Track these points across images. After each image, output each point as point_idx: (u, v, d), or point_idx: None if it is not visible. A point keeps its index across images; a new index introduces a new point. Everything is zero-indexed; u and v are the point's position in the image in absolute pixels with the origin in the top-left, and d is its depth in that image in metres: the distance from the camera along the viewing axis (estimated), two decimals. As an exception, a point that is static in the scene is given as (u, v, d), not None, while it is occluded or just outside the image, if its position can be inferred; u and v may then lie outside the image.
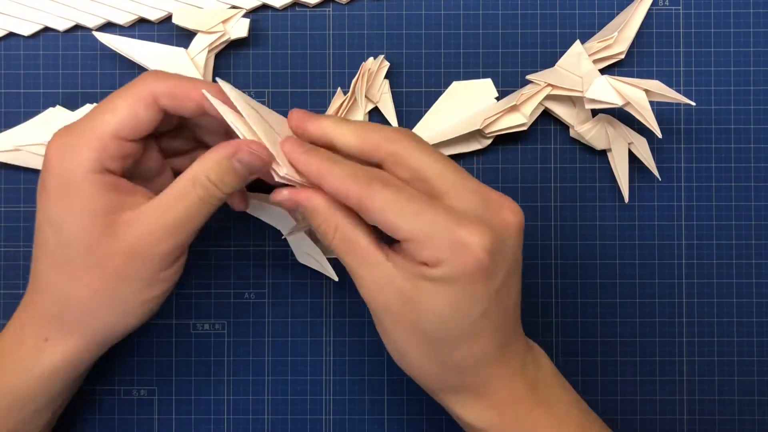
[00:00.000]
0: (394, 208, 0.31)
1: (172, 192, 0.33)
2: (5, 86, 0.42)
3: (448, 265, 0.30)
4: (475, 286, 0.31)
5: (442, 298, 0.31)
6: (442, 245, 0.30)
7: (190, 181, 0.33)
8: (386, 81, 0.42)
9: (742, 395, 0.43)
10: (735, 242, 0.43)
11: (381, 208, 0.31)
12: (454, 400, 0.34)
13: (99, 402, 0.42)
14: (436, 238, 0.30)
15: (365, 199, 0.31)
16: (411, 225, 0.30)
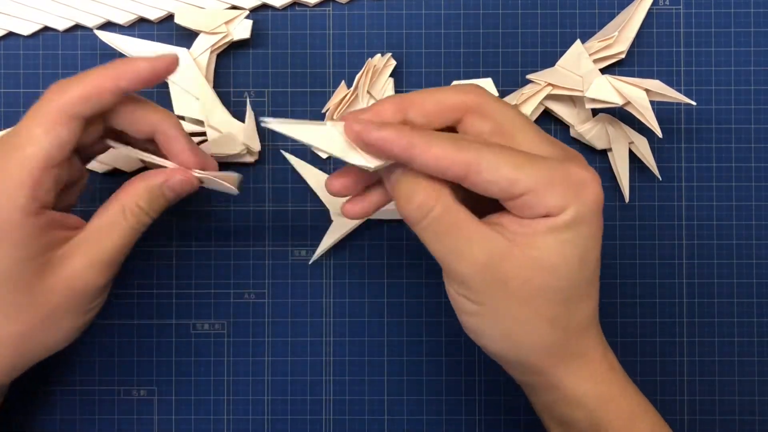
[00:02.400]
0: (509, 161, 0.29)
1: (104, 223, 0.33)
2: (5, 86, 0.42)
3: (575, 205, 0.30)
4: (597, 224, 0.31)
5: (572, 245, 0.30)
6: (564, 186, 0.29)
7: (120, 212, 0.33)
8: (391, 79, 0.42)
9: (742, 395, 0.43)
10: (735, 242, 0.43)
11: (495, 164, 0.29)
12: (567, 370, 0.32)
13: (99, 402, 0.42)
14: (556, 181, 0.29)
15: (474, 159, 0.29)
16: (531, 173, 0.29)
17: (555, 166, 0.30)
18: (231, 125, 0.41)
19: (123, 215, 0.33)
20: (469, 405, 0.43)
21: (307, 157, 0.43)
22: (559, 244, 0.30)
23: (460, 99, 0.31)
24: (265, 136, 0.43)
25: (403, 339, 0.43)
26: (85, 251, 0.32)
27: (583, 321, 0.32)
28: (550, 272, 0.30)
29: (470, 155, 0.29)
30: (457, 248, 0.30)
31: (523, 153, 0.30)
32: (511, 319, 0.31)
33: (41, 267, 0.32)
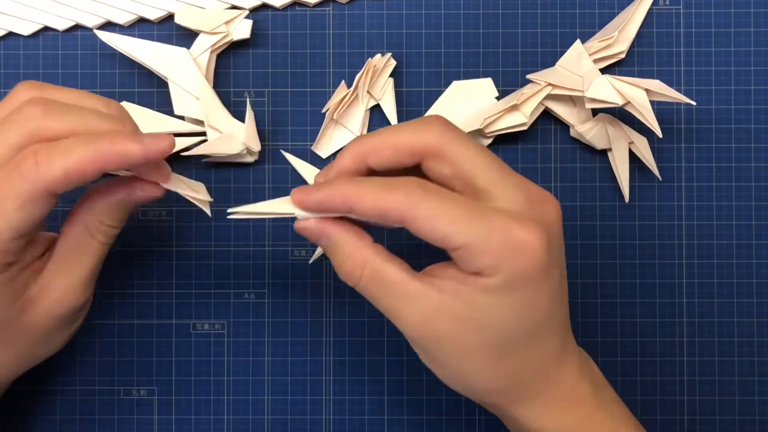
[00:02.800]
0: (444, 215, 0.28)
1: (71, 247, 0.32)
2: (5, 86, 0.42)
3: (508, 269, 0.28)
4: (537, 288, 0.29)
5: (504, 308, 0.29)
6: (500, 250, 0.28)
7: (85, 232, 0.32)
8: (391, 79, 0.42)
9: (742, 395, 0.43)
10: (735, 242, 0.43)
11: (429, 217, 0.28)
12: (522, 410, 0.32)
13: (99, 402, 0.42)
14: (492, 241, 0.28)
15: (409, 210, 0.28)
16: (465, 230, 0.28)
17: (495, 225, 0.28)
18: (231, 125, 0.41)
19: (89, 234, 0.32)
20: (469, 405, 0.43)
21: (307, 157, 0.43)
22: (490, 306, 0.29)
23: (417, 142, 0.30)
24: (265, 136, 0.43)
25: (403, 339, 0.43)
26: (60, 279, 0.32)
27: (531, 369, 0.31)
28: (481, 332, 0.30)
29: (405, 205, 0.28)
30: (391, 308, 0.30)
31: (468, 206, 0.29)
32: (455, 369, 0.31)
33: (19, 308, 0.31)
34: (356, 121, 0.42)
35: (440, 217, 0.28)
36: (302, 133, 0.43)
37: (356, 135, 0.42)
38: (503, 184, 0.30)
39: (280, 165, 0.43)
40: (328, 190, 0.29)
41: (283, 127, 0.43)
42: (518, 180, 0.30)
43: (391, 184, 0.29)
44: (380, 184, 0.29)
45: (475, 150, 0.30)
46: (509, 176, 0.30)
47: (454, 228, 0.28)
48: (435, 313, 0.30)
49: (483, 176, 0.30)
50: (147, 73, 0.42)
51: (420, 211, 0.28)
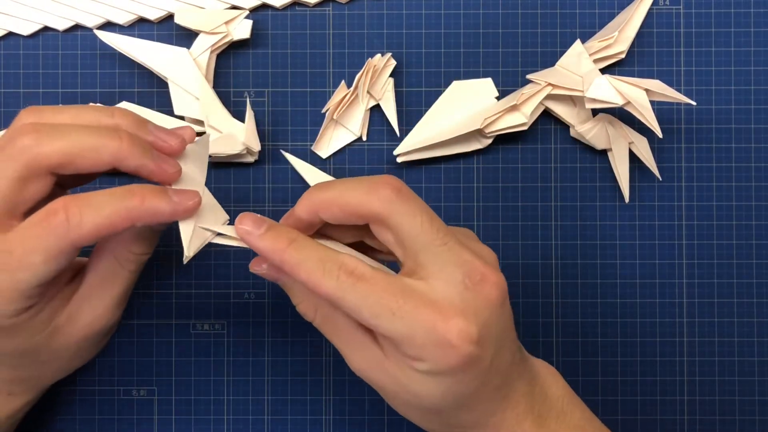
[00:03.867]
0: (368, 308, 0.29)
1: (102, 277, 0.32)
2: (5, 86, 0.42)
3: (433, 362, 0.29)
4: (463, 375, 0.30)
5: (434, 387, 0.30)
6: (423, 345, 0.29)
7: (114, 262, 0.32)
8: (391, 79, 0.42)
9: (742, 395, 0.43)
10: (735, 242, 0.43)
11: (354, 308, 0.29)
12: None
13: (99, 402, 0.42)
14: (416, 338, 0.29)
15: (338, 298, 0.29)
16: (388, 326, 0.29)
17: (418, 322, 0.29)
18: (231, 125, 0.41)
19: (119, 264, 0.32)
20: (469, 405, 0.43)
21: (307, 157, 0.43)
22: (423, 381, 0.30)
23: (364, 207, 0.30)
24: (265, 136, 0.43)
25: (403, 339, 0.43)
26: (89, 306, 0.33)
27: (471, 420, 0.32)
28: (413, 396, 0.31)
29: (333, 292, 0.29)
30: (342, 350, 0.32)
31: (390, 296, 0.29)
32: (398, 407, 0.33)
33: (48, 335, 0.32)
34: (356, 121, 0.42)
35: (364, 310, 0.29)
36: (302, 133, 0.43)
37: (356, 135, 0.42)
38: (441, 263, 0.30)
39: (280, 165, 0.43)
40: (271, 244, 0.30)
41: (283, 127, 0.43)
42: (459, 255, 0.30)
43: (326, 263, 0.29)
44: (316, 260, 0.29)
45: (421, 225, 0.30)
46: (450, 253, 0.30)
47: (376, 321, 0.29)
48: (375, 364, 0.31)
49: (423, 252, 0.30)
50: (147, 73, 0.42)
51: (346, 301, 0.29)
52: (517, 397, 0.33)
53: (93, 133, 0.30)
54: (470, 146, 0.42)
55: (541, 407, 0.33)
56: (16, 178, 0.29)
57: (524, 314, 0.43)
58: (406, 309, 0.29)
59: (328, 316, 0.32)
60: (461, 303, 0.29)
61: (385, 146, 0.43)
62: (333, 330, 0.32)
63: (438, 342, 0.29)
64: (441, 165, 0.43)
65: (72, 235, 0.28)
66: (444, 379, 0.30)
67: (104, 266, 0.33)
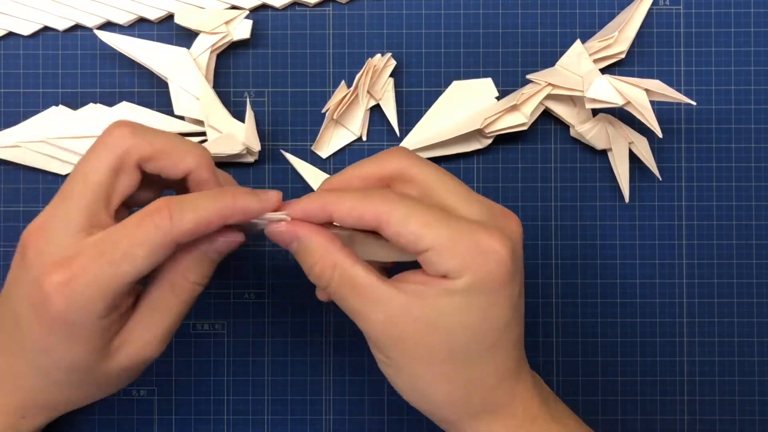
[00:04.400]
0: (415, 218, 0.30)
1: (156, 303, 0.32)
2: (5, 86, 0.42)
3: (474, 271, 0.30)
4: (500, 293, 0.30)
5: (467, 311, 0.30)
6: (467, 252, 0.30)
7: (170, 289, 0.32)
8: (391, 79, 0.42)
9: (742, 395, 0.43)
10: (735, 242, 0.43)
11: (401, 220, 0.30)
12: (478, 424, 0.33)
13: (99, 402, 0.42)
14: (460, 244, 0.30)
15: (383, 213, 0.30)
16: (435, 232, 0.30)
17: (463, 229, 0.30)
18: (231, 125, 0.41)
19: (173, 292, 0.32)
20: (469, 405, 0.43)
21: (307, 157, 0.43)
22: (455, 308, 0.30)
23: (384, 169, 0.33)
24: (265, 136, 0.43)
25: (403, 339, 0.43)
26: (141, 333, 0.32)
27: (489, 380, 0.32)
28: (443, 335, 0.31)
29: (381, 208, 0.30)
30: (359, 309, 0.31)
31: (438, 212, 0.30)
32: (413, 375, 0.32)
33: (104, 354, 0.32)
34: (356, 121, 0.42)
35: (412, 220, 0.30)
36: (302, 133, 0.43)
37: (356, 135, 0.42)
38: (467, 201, 0.32)
39: (280, 165, 0.43)
40: (309, 199, 0.32)
41: (283, 127, 0.43)
42: (481, 198, 0.32)
43: (367, 192, 0.31)
44: (358, 193, 0.31)
45: (437, 172, 0.32)
46: (472, 195, 0.32)
47: (424, 230, 0.30)
48: (399, 314, 0.31)
49: (448, 194, 0.32)
50: (147, 73, 0.42)
51: (393, 214, 0.30)
52: (525, 370, 0.34)
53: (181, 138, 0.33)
54: (470, 146, 0.42)
55: (543, 392, 0.34)
56: (110, 168, 0.31)
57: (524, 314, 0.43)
58: (450, 220, 0.30)
59: (346, 273, 0.31)
60: (496, 225, 0.31)
61: (385, 146, 0.43)
62: (351, 288, 0.31)
63: (481, 249, 0.30)
64: (441, 165, 0.43)
65: (174, 230, 0.30)
66: (481, 298, 0.30)
67: (158, 293, 0.33)
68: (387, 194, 0.31)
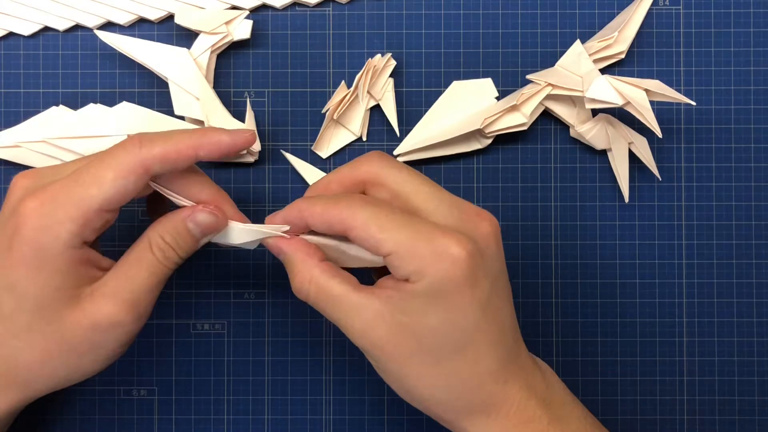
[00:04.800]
0: (376, 223, 0.31)
1: (131, 259, 0.33)
2: (5, 86, 0.42)
3: (431, 274, 0.30)
4: (461, 294, 0.31)
5: (431, 312, 0.31)
6: (423, 255, 0.30)
7: (146, 247, 0.33)
8: (391, 79, 0.42)
9: (742, 395, 0.43)
10: (735, 242, 0.43)
11: (364, 224, 0.31)
12: (469, 424, 0.33)
13: (99, 402, 0.42)
14: (417, 248, 0.31)
15: (348, 218, 0.31)
16: (394, 237, 0.31)
17: (421, 233, 0.31)
18: (231, 125, 0.41)
19: (149, 249, 0.33)
20: (469, 405, 0.43)
21: (307, 157, 0.43)
22: (419, 311, 0.31)
23: (357, 173, 0.34)
24: (265, 136, 0.43)
25: (403, 339, 0.43)
26: (112, 288, 0.33)
27: (469, 381, 0.32)
28: (414, 338, 0.32)
29: (344, 213, 0.32)
30: (339, 319, 0.33)
31: (400, 216, 0.31)
32: (399, 376, 0.33)
33: (71, 299, 0.32)
34: (356, 121, 0.42)
35: (372, 225, 0.31)
36: (302, 133, 0.43)
37: (356, 135, 0.42)
38: (437, 201, 0.33)
39: (280, 165, 0.43)
40: (287, 209, 0.33)
41: (283, 127, 0.43)
42: (452, 198, 0.33)
43: (336, 198, 0.33)
44: (328, 199, 0.33)
45: (409, 176, 0.33)
46: (443, 194, 0.33)
47: (384, 234, 0.31)
48: (373, 321, 0.32)
49: (417, 197, 0.33)
50: (147, 73, 0.42)
51: (356, 219, 0.31)
52: (518, 371, 0.33)
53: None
54: (470, 146, 0.42)
55: (543, 392, 0.34)
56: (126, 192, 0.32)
57: (524, 314, 0.43)
58: (409, 224, 0.31)
59: (322, 287, 0.33)
60: (458, 228, 0.32)
61: (385, 146, 0.43)
62: (328, 300, 0.33)
63: (436, 252, 0.30)
64: (441, 165, 0.43)
65: (143, 154, 0.31)
66: (443, 300, 0.31)
67: (136, 249, 0.33)
68: (352, 199, 0.32)
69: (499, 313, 0.33)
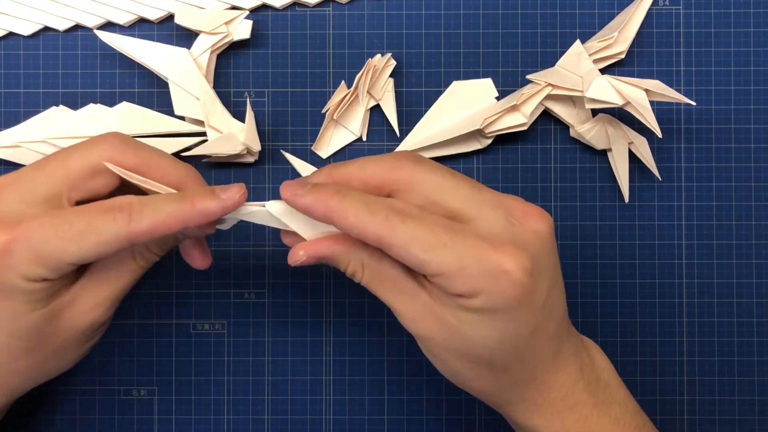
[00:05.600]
0: (419, 242, 0.28)
1: (111, 264, 0.33)
2: (5, 86, 0.42)
3: (487, 295, 0.29)
4: (520, 310, 0.29)
5: (487, 328, 0.30)
6: (476, 276, 0.28)
7: (129, 253, 0.33)
8: (391, 79, 0.42)
9: (742, 395, 0.43)
10: (735, 242, 0.43)
11: (405, 244, 0.29)
12: (514, 410, 0.33)
13: (99, 402, 0.42)
14: (468, 269, 0.28)
15: (385, 236, 0.29)
16: (440, 259, 0.28)
17: (469, 250, 0.28)
18: (231, 125, 0.41)
19: (132, 257, 0.33)
20: (469, 405, 0.43)
21: (307, 157, 0.43)
22: (473, 323, 0.30)
23: (390, 175, 0.31)
24: (265, 136, 0.43)
25: (403, 339, 0.43)
26: (91, 291, 0.32)
27: (522, 379, 0.32)
28: (467, 342, 0.30)
29: (382, 231, 0.29)
30: (390, 302, 0.32)
31: (442, 231, 0.29)
32: (446, 364, 0.32)
33: (48, 315, 0.32)
34: (356, 121, 0.42)
35: (415, 245, 0.29)
36: (302, 133, 0.43)
37: (356, 135, 0.42)
38: (478, 205, 0.30)
39: (280, 165, 0.43)
40: (316, 197, 0.30)
41: (283, 127, 0.43)
42: (495, 198, 0.31)
43: (372, 205, 0.29)
44: (363, 204, 0.29)
45: (443, 177, 0.31)
46: (484, 195, 0.31)
47: (428, 255, 0.28)
48: (424, 313, 0.31)
49: (456, 201, 0.30)
50: (147, 73, 0.42)
51: (395, 237, 0.29)
52: (567, 357, 0.33)
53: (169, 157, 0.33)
54: (470, 146, 0.42)
55: (590, 375, 0.33)
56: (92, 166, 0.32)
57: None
58: (456, 240, 0.28)
59: (374, 270, 0.31)
60: (509, 236, 0.29)
61: (385, 146, 0.43)
62: (380, 283, 0.31)
63: (491, 271, 0.28)
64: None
65: (131, 228, 0.30)
66: (499, 316, 0.29)
67: (118, 256, 0.33)
68: (390, 213, 0.29)
69: (555, 308, 0.32)
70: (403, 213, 0.29)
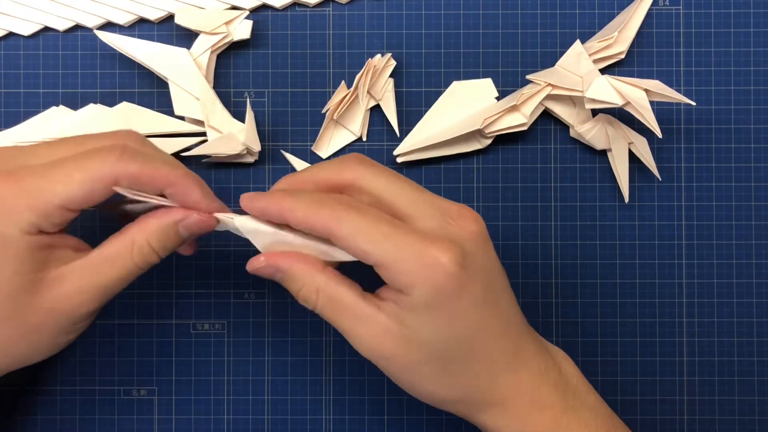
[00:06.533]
0: (362, 233, 0.30)
1: (109, 254, 0.32)
2: (5, 86, 0.42)
3: (423, 286, 0.30)
4: (457, 301, 0.31)
5: (430, 324, 0.31)
6: (412, 267, 0.30)
7: (128, 246, 0.32)
8: (391, 79, 0.42)
9: (742, 395, 0.43)
10: (735, 242, 0.43)
11: (350, 234, 0.30)
12: (486, 416, 0.33)
13: (99, 402, 0.42)
14: (404, 260, 0.30)
15: (333, 227, 0.31)
16: (380, 250, 0.30)
17: (408, 244, 0.30)
18: (231, 125, 0.41)
19: (130, 251, 0.33)
20: (469, 405, 0.43)
21: (307, 157, 0.43)
22: (420, 323, 0.31)
23: (336, 178, 0.33)
24: (265, 136, 0.43)
25: (403, 339, 0.43)
26: (81, 277, 0.32)
27: (482, 379, 0.33)
28: (421, 349, 0.32)
29: (329, 222, 0.31)
30: (345, 329, 0.32)
31: (385, 225, 0.31)
32: (412, 384, 0.33)
33: (32, 284, 0.31)
34: (356, 121, 0.42)
35: (358, 235, 0.30)
36: (302, 133, 0.43)
37: (356, 135, 0.42)
38: (420, 205, 0.32)
39: (280, 165, 0.43)
40: (269, 199, 0.32)
41: (283, 127, 0.43)
42: (433, 200, 0.33)
43: (320, 200, 0.31)
44: (311, 200, 0.31)
45: (388, 179, 0.33)
46: (425, 196, 0.33)
47: (370, 246, 0.30)
48: (381, 336, 0.32)
49: (399, 201, 0.32)
50: (147, 73, 0.42)
51: (341, 228, 0.31)
52: (528, 358, 0.33)
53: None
54: (470, 146, 0.42)
55: (556, 378, 0.34)
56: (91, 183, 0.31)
57: (524, 314, 0.43)
58: (396, 233, 0.30)
59: (330, 296, 0.32)
60: (445, 233, 0.31)
61: (385, 146, 0.43)
62: (336, 309, 0.32)
63: (427, 263, 0.30)
64: (441, 165, 0.43)
65: (119, 167, 0.30)
66: (438, 311, 0.31)
67: (116, 245, 0.32)
68: (336, 205, 0.31)
69: (499, 306, 0.33)
70: (349, 206, 0.31)
